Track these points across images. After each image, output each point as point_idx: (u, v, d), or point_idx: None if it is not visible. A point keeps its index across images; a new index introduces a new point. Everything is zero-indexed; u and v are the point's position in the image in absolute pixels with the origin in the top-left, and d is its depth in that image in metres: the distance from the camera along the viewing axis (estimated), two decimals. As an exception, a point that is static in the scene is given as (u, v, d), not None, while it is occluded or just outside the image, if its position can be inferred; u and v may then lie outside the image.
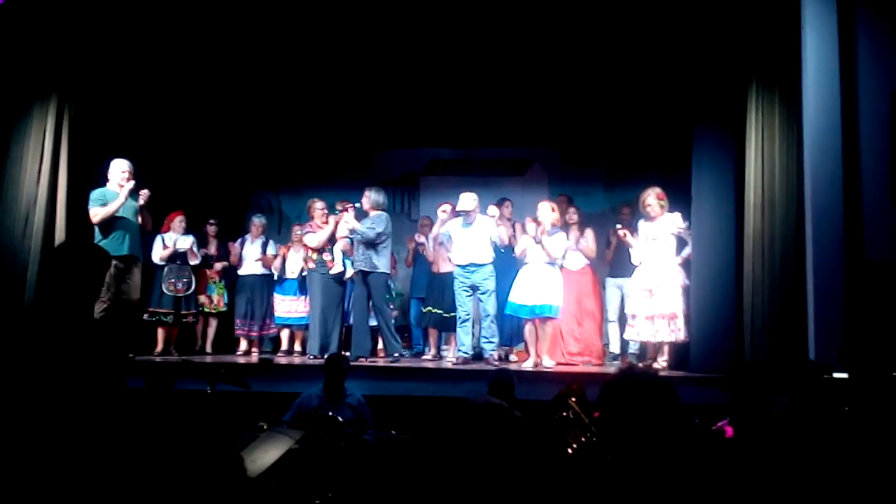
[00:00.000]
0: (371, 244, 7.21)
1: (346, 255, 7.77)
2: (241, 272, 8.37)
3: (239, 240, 8.45)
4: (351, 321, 7.80)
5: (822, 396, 3.47)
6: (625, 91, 8.20)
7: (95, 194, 6.76)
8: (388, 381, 6.55)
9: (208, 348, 8.24)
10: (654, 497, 1.94)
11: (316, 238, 7.70)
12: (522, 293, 6.99)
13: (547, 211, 7.04)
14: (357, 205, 7.48)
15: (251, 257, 8.32)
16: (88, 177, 7.05)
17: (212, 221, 8.35)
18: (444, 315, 7.67)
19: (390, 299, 8.24)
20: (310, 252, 7.76)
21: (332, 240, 7.74)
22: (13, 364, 2.57)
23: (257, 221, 8.47)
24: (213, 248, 8.29)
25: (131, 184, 6.77)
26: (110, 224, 6.72)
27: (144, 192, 6.86)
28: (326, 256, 7.69)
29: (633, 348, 7.66)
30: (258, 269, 8.31)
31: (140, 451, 1.95)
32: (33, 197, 6.87)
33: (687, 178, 6.83)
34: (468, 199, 7.29)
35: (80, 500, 2.25)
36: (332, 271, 7.66)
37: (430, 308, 7.81)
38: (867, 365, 3.65)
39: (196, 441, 1.89)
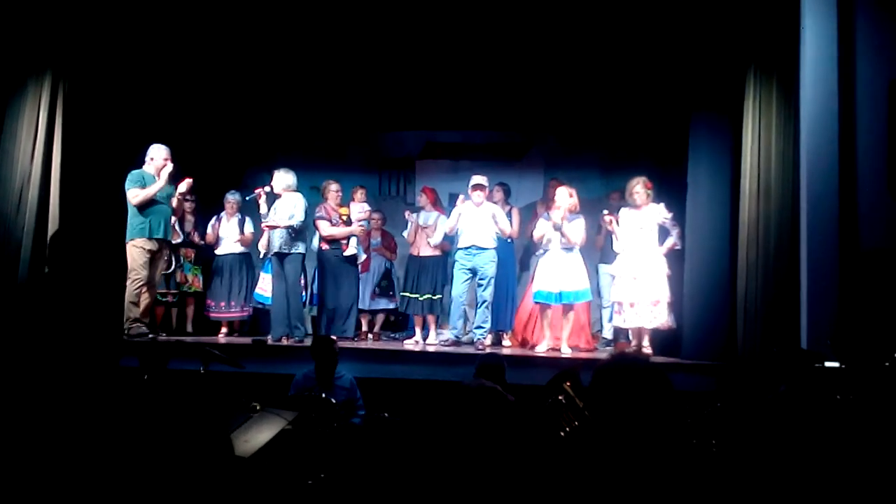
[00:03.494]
0: (292, 227, 7.18)
1: (357, 238, 7.77)
2: (217, 252, 8.09)
3: (214, 218, 8.17)
4: (363, 305, 8.02)
5: (815, 385, 3.48)
6: (623, 77, 8.16)
7: (133, 176, 6.85)
8: (380, 364, 6.57)
9: (189, 328, 8.13)
10: (644, 480, 1.95)
11: (330, 231, 7.64)
12: (548, 280, 7.00)
13: (565, 196, 7.05)
14: (267, 188, 7.36)
15: (228, 236, 8.05)
16: (125, 159, 7.11)
17: (188, 198, 7.96)
18: (420, 298, 7.64)
19: (388, 286, 8.23)
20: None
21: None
22: (7, 340, 2.56)
23: (231, 199, 8.12)
24: (189, 226, 8.10)
25: (170, 166, 6.91)
26: (149, 206, 6.80)
27: (188, 181, 6.96)
28: (342, 240, 7.69)
29: (606, 333, 7.79)
30: (236, 248, 8.06)
31: (132, 430, 1.95)
32: (27, 174, 6.84)
33: (683, 166, 6.82)
34: (482, 178, 7.33)
35: (72, 475, 2.25)
36: (346, 253, 7.66)
37: (406, 292, 7.77)
38: (860, 354, 3.67)
39: (187, 420, 1.89)
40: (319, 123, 9.59)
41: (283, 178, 7.32)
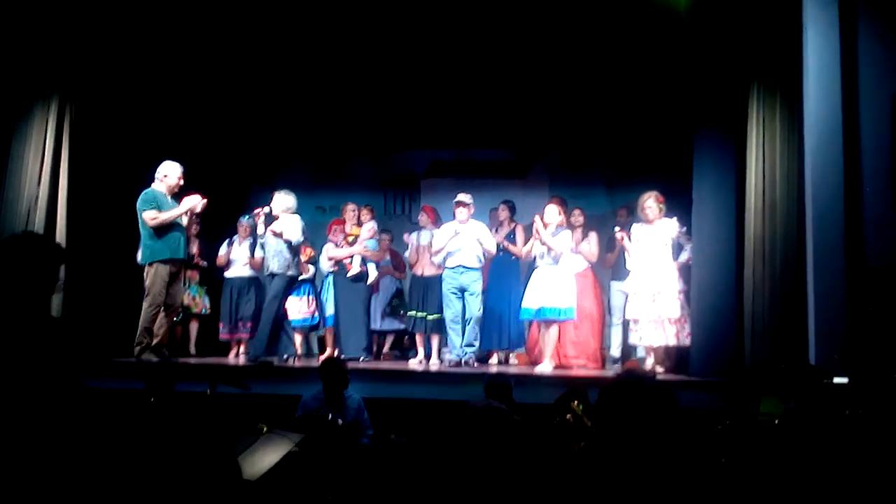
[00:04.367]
0: (290, 247, 7.16)
1: (366, 258, 7.81)
2: (227, 274, 8.15)
3: (226, 241, 8.26)
4: (374, 325, 8.06)
5: (823, 401, 3.46)
6: (627, 93, 8.20)
7: (147, 196, 6.67)
8: (386, 384, 6.54)
9: (192, 350, 8.17)
10: (654, 499, 1.94)
11: (334, 253, 7.78)
12: (529, 296, 7.04)
13: (554, 212, 7.08)
14: (266, 209, 7.31)
15: (239, 259, 8.13)
16: (132, 182, 7.06)
17: (195, 219, 7.90)
18: (428, 317, 7.63)
19: (400, 305, 8.21)
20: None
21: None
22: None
23: (245, 222, 8.18)
24: (195, 248, 8.11)
25: (197, 199, 6.77)
26: (168, 228, 6.66)
27: (203, 201, 6.82)
28: (346, 259, 7.74)
29: (614, 351, 7.81)
30: (246, 272, 8.13)
31: (138, 452, 1.94)
32: (34, 197, 6.88)
33: (688, 182, 6.80)
34: (465, 196, 7.34)
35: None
36: (350, 273, 7.70)
37: (414, 312, 7.75)
38: (868, 369, 3.65)
39: (194, 443, 1.87)
40: (324, 144, 9.64)
41: (282, 200, 7.30)
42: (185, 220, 6.90)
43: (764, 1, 6.21)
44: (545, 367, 6.94)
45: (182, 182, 6.86)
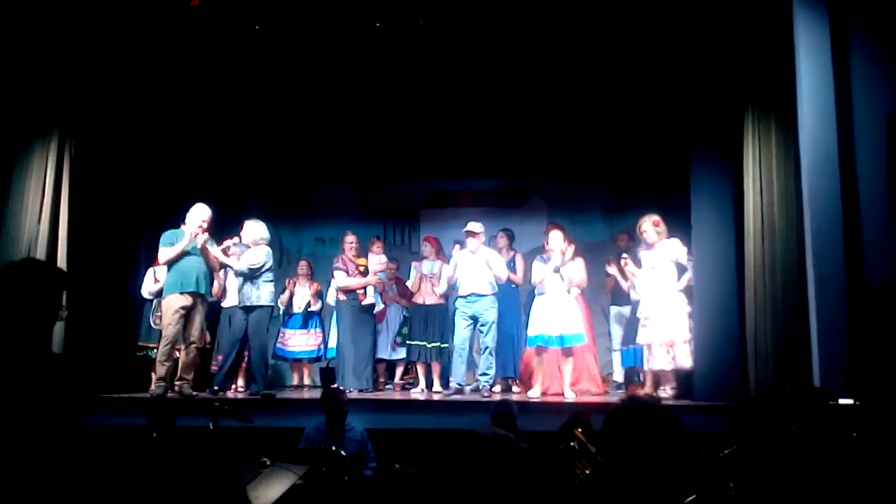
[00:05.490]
0: (251, 278, 7.08)
1: (375, 288, 7.81)
2: (224, 304, 7.88)
3: (222, 271, 8.02)
4: (384, 355, 8.01)
5: (829, 423, 3.45)
6: (623, 120, 8.24)
7: (166, 236, 6.84)
8: (390, 415, 6.51)
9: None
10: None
11: (347, 282, 7.70)
12: (547, 323, 6.95)
13: (559, 239, 7.06)
14: (236, 239, 7.26)
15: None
16: (132, 217, 7.31)
17: None
18: (428, 346, 7.58)
19: (404, 335, 8.18)
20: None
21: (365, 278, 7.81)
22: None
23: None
24: None
25: (202, 236, 6.80)
26: (180, 261, 6.75)
27: (202, 237, 6.84)
28: (359, 290, 7.72)
29: (617, 377, 7.75)
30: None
31: (145, 488, 1.93)
32: (35, 234, 6.87)
33: (686, 206, 6.82)
34: (475, 225, 7.31)
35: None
36: (364, 303, 7.68)
37: (413, 340, 7.70)
38: (874, 389, 3.63)
39: (200, 477, 1.86)
40: (323, 176, 9.67)
41: (253, 229, 7.22)
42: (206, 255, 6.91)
43: (756, 24, 6.27)
44: (569, 394, 6.91)
45: (205, 224, 6.88)
